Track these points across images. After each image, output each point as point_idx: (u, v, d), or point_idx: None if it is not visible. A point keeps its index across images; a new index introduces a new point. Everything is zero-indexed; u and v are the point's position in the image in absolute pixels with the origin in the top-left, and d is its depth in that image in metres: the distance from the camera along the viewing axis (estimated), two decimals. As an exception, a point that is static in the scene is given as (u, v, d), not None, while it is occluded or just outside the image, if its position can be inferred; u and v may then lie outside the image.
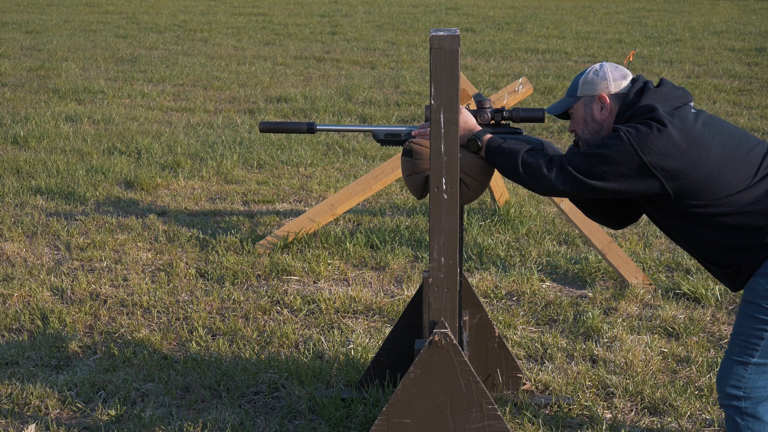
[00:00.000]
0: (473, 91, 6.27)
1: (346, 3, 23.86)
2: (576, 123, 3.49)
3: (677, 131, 3.19)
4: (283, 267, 5.90)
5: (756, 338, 3.25)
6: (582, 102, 3.44)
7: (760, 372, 3.26)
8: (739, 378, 3.28)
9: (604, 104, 3.40)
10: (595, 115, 3.43)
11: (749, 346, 3.26)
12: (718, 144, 3.22)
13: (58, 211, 7.02)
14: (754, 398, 3.28)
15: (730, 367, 3.31)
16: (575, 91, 3.46)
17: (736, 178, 3.19)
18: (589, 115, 3.44)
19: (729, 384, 3.31)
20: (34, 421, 4.15)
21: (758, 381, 3.26)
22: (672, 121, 3.20)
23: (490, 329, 4.25)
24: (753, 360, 3.26)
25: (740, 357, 3.29)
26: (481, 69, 13.61)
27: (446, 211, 3.43)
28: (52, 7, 22.29)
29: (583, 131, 3.48)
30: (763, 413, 3.28)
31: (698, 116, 3.29)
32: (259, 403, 4.32)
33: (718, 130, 3.27)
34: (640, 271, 5.71)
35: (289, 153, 8.67)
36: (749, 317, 3.26)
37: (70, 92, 11.63)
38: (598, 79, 3.41)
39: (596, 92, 3.40)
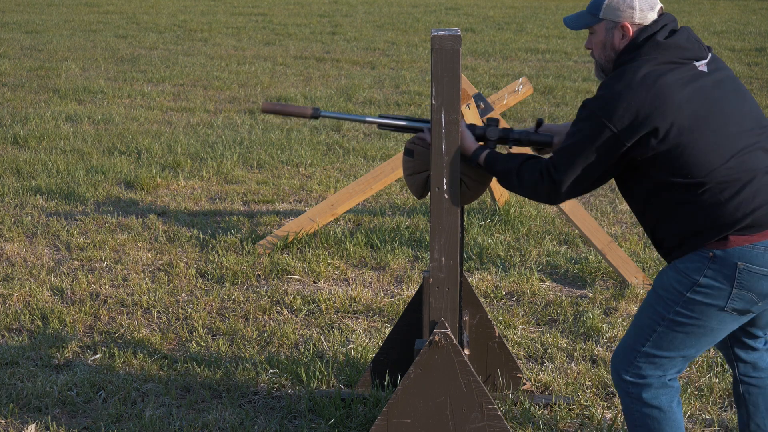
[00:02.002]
0: (473, 91, 6.28)
1: (346, 3, 23.86)
2: (594, 44, 3.31)
3: (643, 94, 3.05)
4: (283, 267, 5.90)
5: (649, 329, 3.23)
6: (603, 25, 3.26)
7: (647, 361, 3.24)
8: (629, 363, 3.27)
9: (626, 34, 3.22)
10: (615, 42, 3.25)
11: (641, 334, 3.25)
12: (698, 118, 3.06)
13: (58, 211, 7.02)
14: (640, 384, 3.26)
15: (621, 350, 3.32)
16: (597, 11, 3.27)
17: (703, 161, 3.05)
18: (609, 42, 3.27)
19: (620, 366, 3.30)
20: (34, 421, 4.15)
21: (646, 369, 3.24)
22: (642, 82, 3.07)
23: (490, 329, 4.25)
24: (642, 349, 3.24)
25: (632, 343, 3.28)
26: (481, 69, 13.61)
27: (447, 211, 3.43)
28: (52, 7, 22.29)
29: (599, 55, 3.31)
30: (649, 398, 3.26)
31: (695, 79, 3.12)
32: (259, 403, 4.32)
33: (713, 101, 3.11)
34: (640, 271, 5.71)
35: (289, 153, 8.68)
36: (649, 306, 3.25)
37: (70, 92, 11.63)
38: (624, 6, 3.21)
39: (620, 19, 3.21)
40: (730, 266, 3.06)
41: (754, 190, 3.05)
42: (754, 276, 3.05)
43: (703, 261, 3.10)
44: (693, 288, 3.12)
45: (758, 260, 3.04)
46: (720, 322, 3.15)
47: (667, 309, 3.19)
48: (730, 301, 3.09)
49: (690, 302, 3.14)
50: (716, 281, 3.09)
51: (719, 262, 3.07)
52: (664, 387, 3.26)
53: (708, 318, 3.14)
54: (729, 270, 3.07)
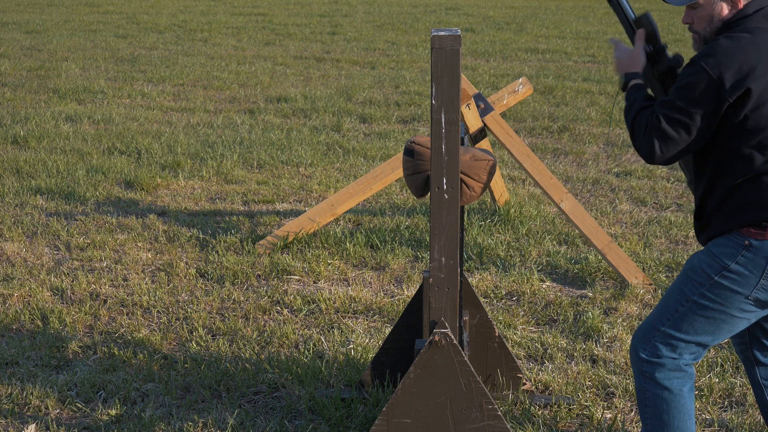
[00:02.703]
0: (473, 91, 6.28)
1: (346, 3, 23.86)
2: (698, 18, 3.25)
3: (750, 52, 3.05)
4: (283, 267, 5.90)
5: (672, 308, 3.27)
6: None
7: (664, 341, 3.28)
8: (647, 340, 3.31)
9: (736, 5, 3.18)
10: (723, 14, 3.20)
11: (664, 313, 3.29)
12: None
13: (58, 211, 7.02)
14: (653, 363, 3.29)
15: (642, 328, 3.35)
16: None
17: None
18: (717, 14, 3.21)
19: (638, 343, 3.34)
20: (34, 421, 4.15)
21: (662, 349, 3.28)
22: (750, 43, 3.05)
23: (490, 329, 4.25)
24: (662, 328, 3.28)
25: (654, 321, 3.31)
26: (481, 69, 13.61)
27: (447, 210, 3.43)
28: (52, 7, 22.29)
29: (704, 28, 3.25)
30: (661, 379, 3.29)
31: None
32: (259, 403, 4.32)
33: None
34: (640, 271, 5.71)
35: (289, 153, 8.67)
36: (676, 286, 3.29)
37: (70, 92, 11.63)
38: None
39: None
40: (763, 256, 3.12)
41: None
42: None
43: (737, 248, 3.15)
44: (722, 272, 3.17)
45: None
46: (740, 311, 3.19)
47: (693, 290, 3.23)
48: (755, 291, 3.14)
49: (716, 286, 3.18)
50: (746, 269, 3.14)
51: (753, 251, 3.12)
52: (678, 370, 3.29)
53: (730, 305, 3.18)
54: (762, 260, 3.12)
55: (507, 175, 8.09)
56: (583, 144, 9.24)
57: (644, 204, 7.37)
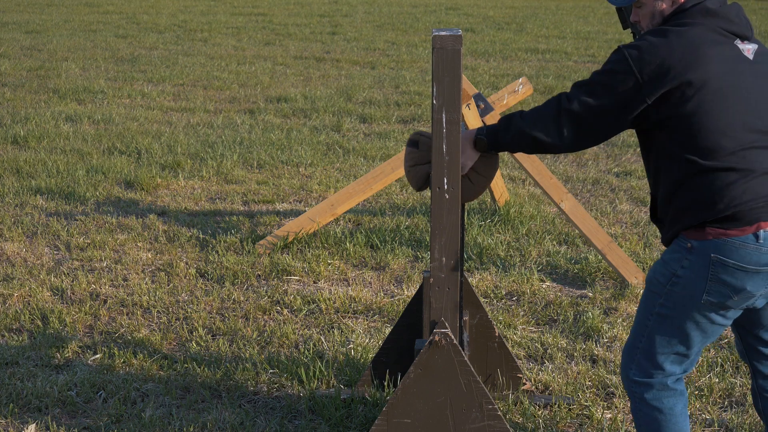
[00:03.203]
0: (473, 92, 6.28)
1: (346, 3, 23.86)
2: (642, 16, 3.26)
3: (678, 49, 3.02)
4: (283, 267, 5.90)
5: (642, 325, 3.25)
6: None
7: (646, 358, 3.25)
8: (631, 360, 3.29)
9: (677, 1, 3.17)
10: (664, 10, 3.20)
11: (638, 331, 3.27)
12: (721, 93, 3.00)
13: (58, 211, 7.02)
14: (642, 383, 3.27)
15: (626, 348, 3.34)
16: None
17: (713, 140, 3.01)
18: (658, 10, 3.21)
19: (625, 364, 3.32)
20: (34, 421, 4.15)
21: (647, 367, 3.25)
22: (679, 38, 3.03)
23: (490, 329, 4.25)
24: (640, 345, 3.26)
25: (633, 340, 3.30)
26: (481, 69, 13.61)
27: (448, 210, 3.43)
28: (52, 7, 22.29)
29: (648, 25, 3.25)
30: (650, 399, 3.27)
31: (735, 59, 3.07)
32: (259, 403, 4.32)
33: (743, 85, 3.05)
34: (640, 271, 5.71)
35: (289, 153, 8.67)
36: (642, 302, 3.27)
37: (70, 92, 11.63)
38: None
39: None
40: (705, 258, 3.05)
41: (747, 187, 3.01)
42: (728, 269, 3.03)
43: (682, 251, 3.10)
44: (672, 279, 3.13)
45: (732, 254, 3.02)
46: (701, 316, 3.13)
47: (654, 302, 3.19)
48: (706, 294, 3.07)
49: (670, 294, 3.14)
50: (692, 272, 3.08)
51: (695, 253, 3.06)
52: (667, 389, 3.26)
53: (688, 310, 3.13)
54: (703, 261, 3.05)
55: (507, 175, 8.08)
56: (583, 144, 9.22)
57: (644, 204, 7.37)
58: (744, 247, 3.01)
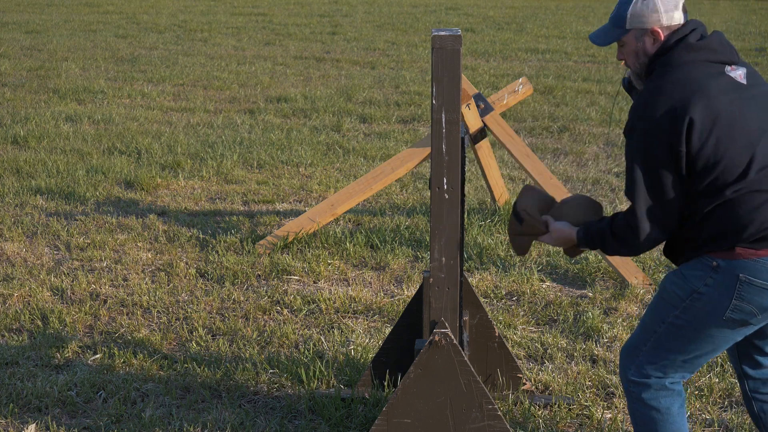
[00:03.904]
0: (473, 91, 6.28)
1: (346, 3, 23.86)
2: (627, 55, 3.28)
3: (677, 90, 3.04)
4: (283, 267, 5.90)
5: (650, 330, 3.26)
6: (633, 35, 3.22)
7: (648, 361, 3.27)
8: (631, 361, 3.30)
9: (657, 38, 3.18)
10: (647, 48, 3.22)
11: (644, 334, 3.28)
12: (727, 123, 3.03)
13: (58, 211, 7.02)
14: (640, 383, 3.28)
15: (627, 348, 3.35)
16: (623, 23, 3.22)
17: (729, 170, 3.03)
18: (641, 49, 3.23)
19: (624, 364, 3.34)
20: (34, 421, 4.15)
21: (647, 369, 3.27)
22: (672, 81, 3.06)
23: (490, 329, 4.25)
24: (644, 349, 3.27)
25: (636, 342, 3.31)
26: (481, 69, 13.61)
27: (447, 211, 3.43)
28: (52, 7, 22.29)
29: (634, 64, 3.28)
30: (648, 399, 3.28)
31: (730, 87, 3.09)
32: (259, 403, 4.32)
33: (744, 113, 3.07)
34: (640, 271, 5.71)
35: (289, 153, 8.67)
36: (653, 307, 3.28)
37: (70, 92, 11.63)
38: (648, 11, 3.17)
39: (648, 25, 3.18)
40: (732, 277, 3.06)
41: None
42: (755, 289, 3.05)
43: (705, 270, 3.10)
44: (692, 295, 3.13)
45: (761, 274, 3.04)
46: (719, 331, 3.15)
47: (667, 313, 3.20)
48: (729, 312, 3.09)
49: (689, 308, 3.15)
50: (716, 291, 3.09)
51: (722, 272, 3.07)
52: (664, 389, 3.27)
53: (705, 326, 3.15)
54: (731, 281, 3.06)
55: (507, 175, 8.09)
56: (583, 144, 9.24)
57: (644, 204, 7.36)
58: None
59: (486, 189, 7.30)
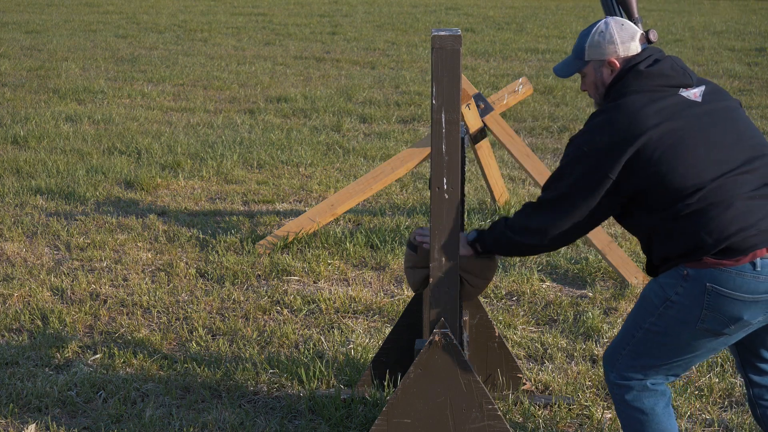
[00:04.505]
0: (473, 91, 6.28)
1: (346, 3, 23.86)
2: (588, 86, 3.38)
3: (620, 119, 3.12)
4: (283, 267, 5.90)
5: (629, 334, 3.28)
6: (592, 66, 3.33)
7: (627, 364, 3.28)
8: (613, 363, 3.33)
9: (614, 68, 3.28)
10: (605, 78, 3.31)
11: (625, 338, 3.31)
12: (675, 142, 3.08)
13: (58, 211, 7.02)
14: (621, 385, 3.30)
15: (609, 350, 3.37)
16: (582, 54, 3.34)
17: (680, 185, 3.08)
18: (600, 80, 3.32)
19: (606, 365, 3.37)
20: (34, 421, 4.15)
21: (627, 371, 3.29)
22: (618, 109, 3.15)
23: (490, 329, 4.25)
24: (623, 352, 3.30)
25: (617, 345, 3.33)
26: (481, 69, 13.61)
27: (447, 210, 3.43)
28: (52, 7, 22.29)
29: (594, 94, 3.38)
30: (630, 400, 3.30)
31: (679, 106, 3.15)
32: (259, 403, 4.32)
33: (697, 127, 3.12)
34: (640, 271, 5.71)
35: (289, 153, 8.68)
36: (633, 312, 3.32)
37: (70, 92, 11.63)
38: (605, 43, 3.28)
39: (605, 57, 3.29)
40: (700, 286, 3.08)
41: (731, 217, 3.04)
42: (723, 299, 3.06)
43: (677, 278, 3.13)
44: (666, 303, 3.16)
45: (728, 283, 3.05)
46: (693, 340, 3.17)
47: (644, 319, 3.24)
48: (701, 321, 3.11)
49: (662, 316, 3.18)
50: (686, 299, 3.11)
51: (691, 281, 3.10)
52: (646, 390, 3.29)
53: (680, 334, 3.17)
54: (699, 290, 3.08)
55: (507, 175, 8.09)
56: (583, 144, 9.22)
57: (644, 204, 7.37)
58: (741, 275, 3.04)
59: (486, 189, 7.30)
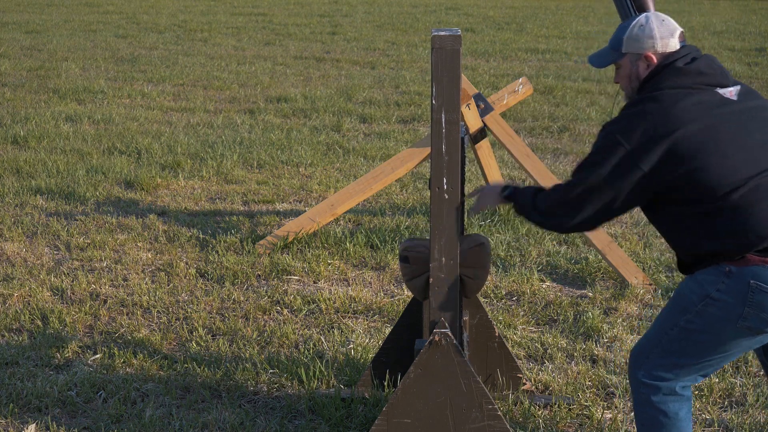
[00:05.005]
0: (473, 91, 6.28)
1: (346, 3, 23.86)
2: (621, 78, 3.35)
3: (657, 114, 3.10)
4: (283, 267, 5.90)
5: (663, 332, 3.26)
6: (628, 59, 3.29)
7: (659, 363, 3.26)
8: (642, 361, 3.30)
9: (651, 63, 3.25)
10: (640, 72, 3.28)
11: (657, 336, 3.28)
12: (712, 139, 3.07)
13: (58, 211, 7.02)
14: (650, 385, 3.28)
15: (638, 348, 3.35)
16: (620, 46, 3.30)
17: (717, 184, 3.06)
18: (635, 73, 3.29)
19: (634, 364, 3.33)
20: (34, 421, 4.15)
21: (658, 371, 3.26)
22: (657, 103, 3.12)
23: (490, 329, 4.25)
24: (655, 350, 3.28)
25: (648, 343, 3.31)
26: (481, 69, 13.61)
27: (447, 210, 3.43)
28: (52, 7, 22.29)
29: (627, 87, 3.34)
30: (657, 402, 3.27)
31: (715, 104, 3.13)
32: (259, 403, 4.32)
33: (734, 125, 3.11)
34: (640, 271, 5.71)
35: (289, 153, 8.67)
36: (667, 310, 3.29)
37: (70, 92, 11.63)
38: (644, 37, 3.25)
39: (643, 50, 3.26)
40: (743, 283, 3.07)
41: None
42: (766, 296, 3.05)
43: (719, 275, 3.11)
44: (705, 300, 3.14)
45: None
46: (732, 338, 3.15)
47: (679, 316, 3.21)
48: (742, 319, 3.09)
49: (701, 313, 3.15)
50: (729, 296, 3.09)
51: (733, 278, 3.08)
52: (673, 394, 3.27)
53: (718, 331, 3.15)
54: (742, 287, 3.07)
55: (507, 175, 8.09)
56: (583, 144, 9.24)
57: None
58: None
59: (486, 189, 7.29)
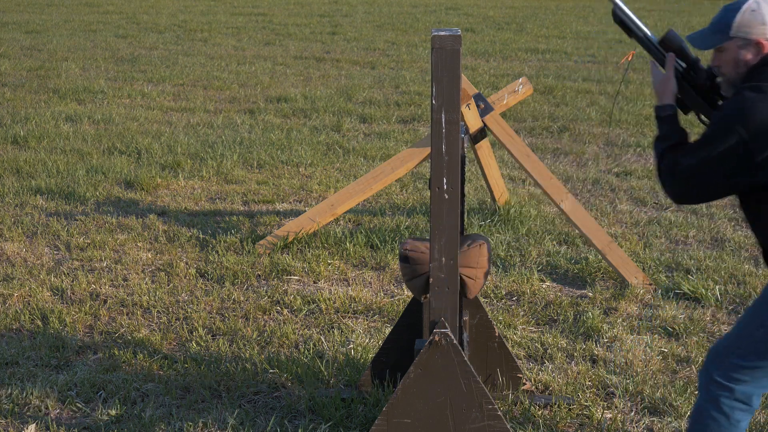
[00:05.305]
0: (473, 91, 6.27)
1: (346, 3, 23.86)
2: (724, 62, 3.23)
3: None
4: (283, 267, 5.90)
5: (747, 332, 3.19)
6: (734, 43, 3.17)
7: (739, 366, 3.19)
8: (721, 362, 3.23)
9: (761, 51, 3.13)
10: (749, 59, 3.16)
11: (740, 337, 3.22)
12: None
13: (58, 211, 7.02)
14: (724, 386, 3.21)
15: (718, 348, 3.27)
16: (728, 29, 3.18)
17: None
18: (742, 59, 3.17)
19: (712, 364, 3.26)
20: (34, 421, 4.15)
21: (736, 373, 3.19)
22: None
23: (490, 329, 4.25)
24: (738, 351, 3.20)
25: (729, 344, 3.24)
26: (481, 69, 13.61)
27: (447, 210, 3.43)
28: (52, 7, 22.29)
29: (731, 71, 3.22)
30: (724, 404, 3.21)
31: None
32: (259, 403, 4.32)
33: None
34: (640, 271, 5.71)
35: (289, 153, 8.67)
36: (753, 310, 3.21)
37: (70, 92, 11.63)
38: (756, 22, 3.13)
39: (753, 36, 3.13)
40: None
41: None
42: None
43: None
44: None
45: None
46: None
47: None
48: None
49: None
50: None
51: None
52: (743, 402, 3.21)
53: None
54: None
55: (507, 175, 8.09)
56: (583, 144, 9.24)
57: (644, 204, 7.37)
58: None
59: (486, 189, 7.30)
